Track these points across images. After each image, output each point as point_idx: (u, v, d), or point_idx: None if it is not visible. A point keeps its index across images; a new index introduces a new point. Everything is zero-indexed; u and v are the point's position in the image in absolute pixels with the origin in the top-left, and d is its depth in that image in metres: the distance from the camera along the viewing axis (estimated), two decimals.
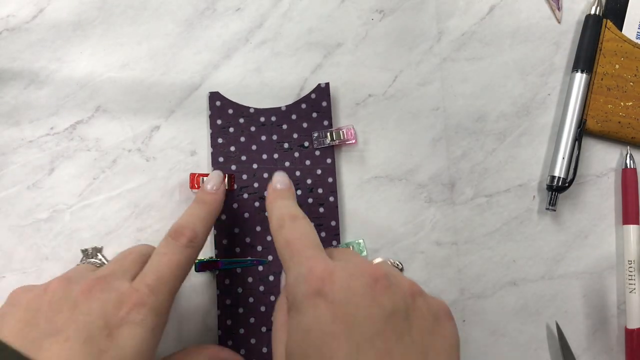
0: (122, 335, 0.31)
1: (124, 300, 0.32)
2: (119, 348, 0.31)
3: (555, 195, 0.43)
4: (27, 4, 0.43)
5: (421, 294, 0.31)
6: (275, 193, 0.37)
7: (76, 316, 0.31)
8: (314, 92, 0.43)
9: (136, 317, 0.32)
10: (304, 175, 0.42)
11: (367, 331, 0.27)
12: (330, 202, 0.42)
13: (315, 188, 0.42)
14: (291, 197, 0.37)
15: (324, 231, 0.42)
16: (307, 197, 0.42)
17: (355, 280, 0.29)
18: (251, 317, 0.41)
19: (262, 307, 0.41)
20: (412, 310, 0.29)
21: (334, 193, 0.42)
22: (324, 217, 0.42)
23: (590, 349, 0.43)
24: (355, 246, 0.42)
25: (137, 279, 0.34)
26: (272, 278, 0.42)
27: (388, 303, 0.28)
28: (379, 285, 0.29)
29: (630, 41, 0.43)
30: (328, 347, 0.27)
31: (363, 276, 0.29)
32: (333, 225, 0.42)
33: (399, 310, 0.28)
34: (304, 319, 0.28)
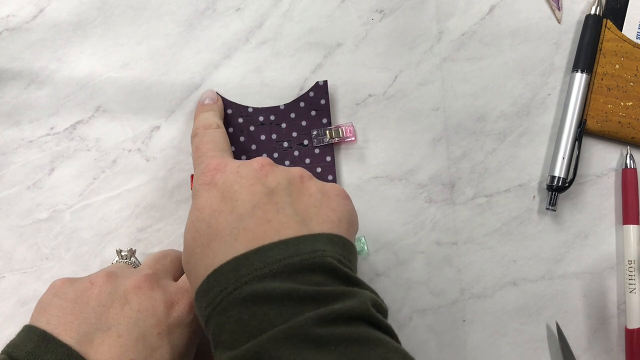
0: (173, 335, 0.32)
1: (176, 300, 0.34)
2: (169, 347, 0.32)
3: (555, 195, 0.43)
4: (27, 4, 0.43)
5: (312, 179, 0.33)
6: (200, 107, 0.42)
7: (128, 312, 0.32)
8: (312, 90, 0.43)
9: (187, 318, 0.33)
10: None
11: (248, 205, 0.30)
12: None
13: None
14: (214, 109, 0.41)
15: None
16: None
17: (245, 167, 0.32)
18: None
19: None
20: (297, 189, 0.31)
21: None
22: None
23: (590, 349, 0.43)
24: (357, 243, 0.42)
25: (185, 280, 0.35)
26: None
27: (271, 182, 0.31)
28: (264, 170, 0.32)
29: (630, 41, 0.43)
30: (215, 220, 0.30)
31: (251, 164, 0.32)
32: None
33: (281, 188, 0.31)
34: (198, 201, 0.31)
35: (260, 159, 0.32)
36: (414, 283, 0.43)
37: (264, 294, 0.26)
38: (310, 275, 0.27)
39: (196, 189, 0.32)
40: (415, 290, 0.43)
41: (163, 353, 0.31)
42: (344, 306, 0.26)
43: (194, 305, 0.30)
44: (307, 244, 0.28)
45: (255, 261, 0.27)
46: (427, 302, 0.43)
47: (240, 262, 0.28)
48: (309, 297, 0.26)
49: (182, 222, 0.42)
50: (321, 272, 0.28)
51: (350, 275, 0.28)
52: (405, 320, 0.43)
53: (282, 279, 0.27)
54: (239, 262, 0.28)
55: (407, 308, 0.43)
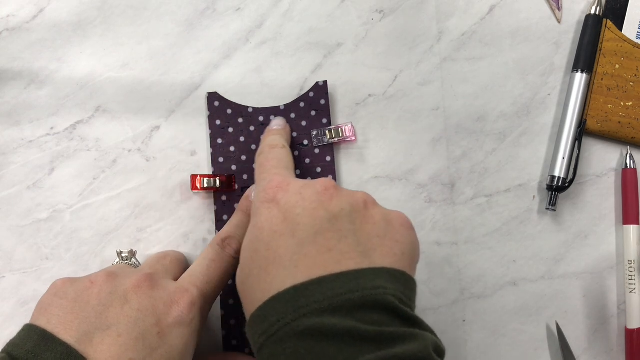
0: (172, 335, 0.32)
1: (175, 300, 0.33)
2: (169, 347, 0.32)
3: (555, 195, 0.43)
4: (27, 4, 0.43)
5: (375, 205, 0.32)
6: (268, 131, 0.41)
7: (127, 311, 0.32)
8: (312, 90, 0.43)
9: (187, 318, 0.33)
10: (304, 174, 0.42)
11: (309, 230, 0.29)
12: None
13: None
14: (281, 133, 0.40)
15: None
16: None
17: (308, 189, 0.31)
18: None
19: None
20: (360, 216, 0.31)
21: None
22: None
23: (590, 349, 0.43)
24: None
25: (186, 280, 0.35)
26: None
27: (335, 207, 0.30)
28: (327, 193, 0.31)
29: (630, 41, 0.43)
30: (275, 243, 0.29)
31: (315, 185, 0.31)
32: None
33: (344, 215, 0.30)
34: (259, 220, 0.31)
35: (324, 181, 0.32)
36: None
37: (324, 330, 0.26)
38: (371, 314, 0.27)
39: (257, 206, 0.32)
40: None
41: (163, 353, 0.31)
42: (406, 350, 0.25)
43: (247, 330, 0.29)
44: (369, 279, 0.28)
45: (315, 293, 0.27)
46: (427, 302, 0.43)
47: (299, 292, 0.27)
48: (370, 338, 0.26)
49: (182, 222, 0.42)
50: (382, 310, 0.27)
51: (411, 315, 0.28)
52: None
53: (341, 315, 0.26)
54: (298, 292, 0.27)
55: None
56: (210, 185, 0.41)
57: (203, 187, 0.41)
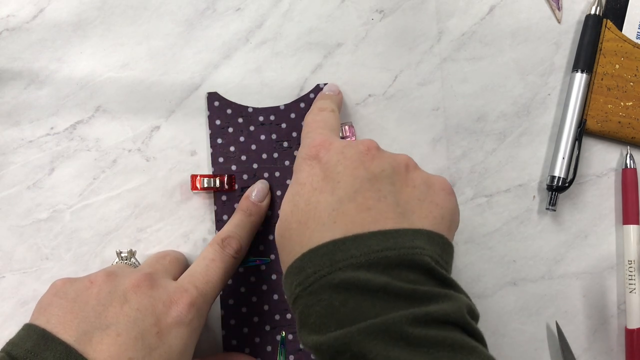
0: (171, 334, 0.32)
1: (175, 300, 0.33)
2: (167, 346, 0.32)
3: (555, 195, 0.43)
4: (27, 4, 0.43)
5: (417, 168, 0.32)
6: (320, 95, 0.41)
7: (127, 311, 0.32)
8: (313, 92, 0.43)
9: (186, 318, 0.33)
10: None
11: (349, 188, 0.29)
12: None
13: None
14: (332, 98, 0.40)
15: None
16: None
17: (350, 149, 0.31)
18: (255, 316, 0.41)
19: (266, 306, 0.41)
20: (401, 178, 0.31)
21: None
22: None
23: (590, 349, 0.43)
24: None
25: (185, 279, 0.35)
26: (274, 277, 0.42)
27: (376, 168, 0.30)
28: (369, 154, 0.31)
29: (630, 41, 0.43)
30: (315, 199, 0.30)
31: (357, 145, 0.31)
32: None
33: (385, 175, 0.30)
34: (301, 175, 0.31)
35: (367, 141, 0.32)
36: None
37: (359, 284, 0.26)
38: (407, 272, 0.27)
39: (299, 162, 0.32)
40: None
41: (162, 352, 0.31)
42: (440, 309, 0.25)
43: (283, 282, 0.30)
44: (407, 239, 0.28)
45: (352, 248, 0.27)
46: None
47: (337, 246, 0.27)
48: (404, 295, 0.26)
49: (182, 222, 0.42)
50: (418, 270, 0.27)
51: (446, 277, 0.28)
52: None
53: (377, 271, 0.26)
54: (336, 247, 0.27)
55: None
56: (210, 185, 0.41)
57: (203, 187, 0.41)
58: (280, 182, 0.42)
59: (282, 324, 0.41)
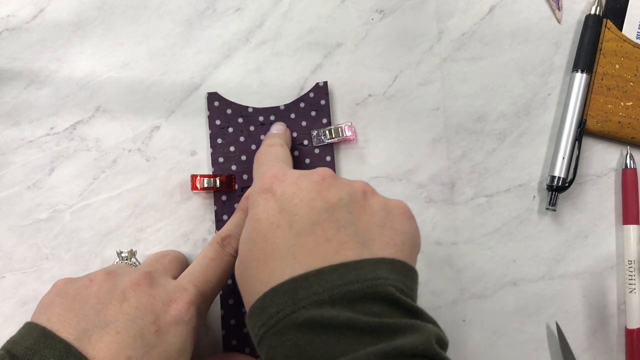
0: (170, 333, 0.32)
1: (173, 298, 0.33)
2: (167, 345, 0.32)
3: (555, 195, 0.43)
4: (27, 4, 0.43)
5: (375, 194, 0.32)
6: (268, 135, 0.41)
7: (126, 309, 0.32)
8: (312, 90, 0.43)
9: (185, 316, 0.33)
10: None
11: (307, 221, 0.29)
12: None
13: None
14: (280, 137, 0.40)
15: None
16: None
17: (304, 179, 0.31)
18: None
19: None
20: (359, 206, 0.30)
21: None
22: None
23: (590, 349, 0.43)
24: None
25: (185, 278, 0.35)
26: None
27: (332, 197, 0.30)
28: (325, 183, 0.30)
29: (630, 41, 0.43)
30: (272, 234, 0.29)
31: (312, 175, 0.31)
32: None
33: (343, 204, 0.30)
34: (256, 211, 0.31)
35: (321, 170, 0.31)
36: None
37: (323, 321, 0.25)
38: (371, 305, 0.26)
39: (254, 197, 0.32)
40: None
41: (160, 351, 0.31)
42: (407, 342, 0.25)
43: (247, 322, 0.29)
44: (369, 270, 0.27)
45: (314, 284, 0.27)
46: (427, 302, 0.43)
47: (298, 283, 0.27)
48: (370, 329, 0.25)
49: (182, 222, 0.42)
50: (382, 302, 0.26)
51: (412, 306, 0.27)
52: None
53: (341, 306, 0.26)
54: (297, 284, 0.27)
55: None
56: (210, 185, 0.41)
57: (203, 187, 0.41)
58: None
59: None
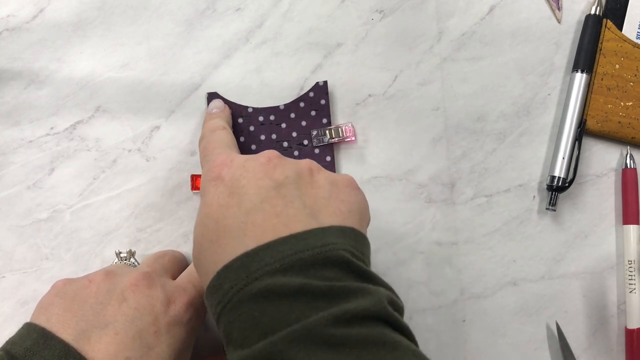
0: (169, 334, 0.32)
1: (172, 299, 0.33)
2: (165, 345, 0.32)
3: (555, 195, 0.43)
4: (27, 4, 0.43)
5: (321, 170, 0.32)
6: (208, 116, 0.41)
7: (125, 310, 0.32)
8: (312, 90, 0.43)
9: (184, 317, 0.33)
10: None
11: (255, 199, 0.29)
12: None
13: None
14: (220, 116, 0.40)
15: None
16: None
17: (251, 161, 0.31)
18: None
19: None
20: (305, 182, 0.31)
21: None
22: None
23: (590, 349, 0.43)
24: None
25: (184, 279, 0.35)
26: None
27: (279, 176, 0.30)
28: (271, 163, 0.31)
29: (630, 41, 0.43)
30: (223, 216, 0.29)
31: (258, 158, 0.31)
32: None
33: (290, 182, 0.30)
34: (207, 198, 0.31)
35: (267, 153, 0.32)
36: (414, 283, 0.43)
37: (275, 290, 0.26)
38: (323, 270, 0.27)
39: (204, 185, 0.32)
40: (415, 290, 0.43)
41: (159, 352, 0.31)
42: (359, 305, 0.25)
43: (206, 303, 0.29)
44: (318, 238, 0.28)
45: (265, 256, 0.27)
46: (427, 302, 0.43)
47: (250, 257, 0.27)
48: (322, 293, 0.26)
49: (182, 222, 0.42)
50: (334, 266, 0.27)
51: (364, 269, 0.28)
52: (406, 319, 0.43)
53: (293, 273, 0.26)
54: (249, 258, 0.27)
55: (407, 308, 0.43)
56: None
57: None
58: None
59: None
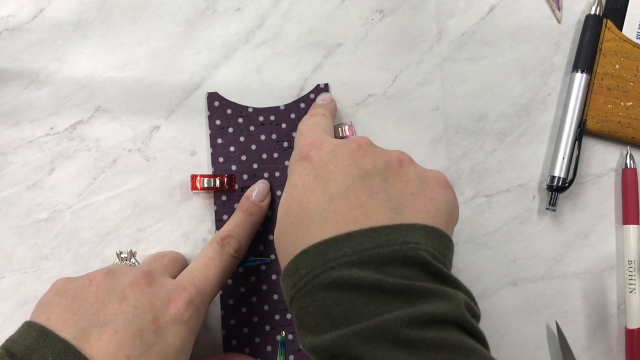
0: (169, 332, 0.32)
1: (173, 298, 0.33)
2: (165, 344, 0.32)
3: (555, 195, 0.43)
4: (27, 4, 0.43)
5: (411, 163, 0.32)
6: (313, 105, 0.42)
7: (125, 308, 0.32)
8: (313, 92, 0.43)
9: (184, 315, 0.33)
10: None
11: (340, 186, 0.29)
12: None
13: None
14: (325, 107, 0.40)
15: None
16: None
17: (341, 147, 0.31)
18: (255, 316, 0.41)
19: (266, 306, 0.41)
20: (394, 174, 0.30)
21: None
22: None
23: (590, 349, 0.43)
24: None
25: (184, 278, 0.35)
26: (274, 277, 0.42)
27: (368, 165, 0.30)
28: (361, 151, 0.31)
29: (630, 41, 0.43)
30: (307, 199, 0.30)
31: (349, 143, 0.31)
32: None
33: (377, 172, 0.30)
34: (293, 177, 0.31)
35: (358, 139, 0.32)
36: None
37: (351, 282, 0.26)
38: (401, 268, 0.26)
39: (292, 164, 0.32)
40: None
41: (159, 350, 0.31)
42: (437, 308, 0.25)
43: (281, 284, 0.30)
44: (400, 234, 0.27)
45: (344, 247, 0.27)
46: None
47: (329, 246, 0.27)
48: (398, 291, 0.25)
49: (182, 222, 0.42)
50: (413, 266, 0.27)
51: (444, 272, 0.27)
52: None
53: (370, 268, 0.26)
54: (328, 246, 0.27)
55: None
56: (210, 185, 0.41)
57: (203, 187, 0.41)
58: (280, 182, 0.42)
59: (282, 324, 0.41)
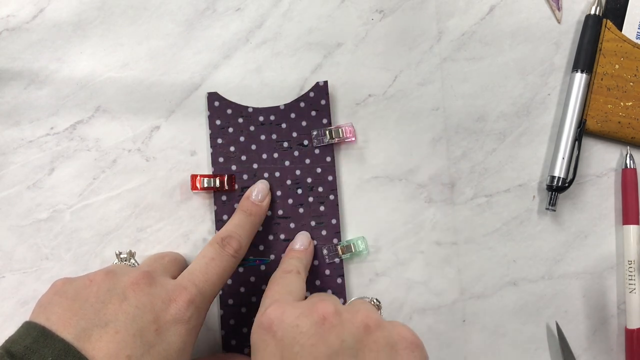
0: (170, 332, 0.32)
1: (173, 297, 0.33)
2: (166, 344, 0.32)
3: (555, 195, 0.43)
4: (27, 4, 0.43)
5: (378, 326, 0.31)
6: (290, 251, 0.41)
7: (125, 308, 0.32)
8: (313, 90, 0.43)
9: (185, 315, 0.33)
10: (304, 174, 0.42)
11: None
12: (331, 200, 0.42)
13: (316, 186, 0.42)
14: (300, 257, 0.40)
15: (325, 229, 0.42)
16: (307, 195, 0.42)
17: (304, 319, 0.30)
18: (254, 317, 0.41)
19: None
20: (363, 345, 0.30)
21: (334, 191, 0.42)
22: (325, 215, 0.42)
23: (590, 349, 0.43)
24: (357, 244, 0.42)
25: (184, 278, 0.35)
26: None
27: (335, 341, 0.29)
28: (327, 324, 0.30)
29: (630, 41, 0.43)
30: None
31: (312, 314, 0.31)
32: (334, 223, 0.42)
33: (346, 347, 0.29)
34: (257, 357, 0.31)
35: (322, 308, 0.31)
36: (414, 283, 0.43)
37: None
38: None
39: (254, 330, 0.32)
40: (415, 290, 0.43)
41: (160, 350, 0.31)
42: None
43: None
44: None
45: None
46: (427, 302, 0.43)
47: None
48: None
49: (182, 222, 0.42)
50: None
51: None
52: (406, 320, 0.43)
53: None
54: None
55: (407, 308, 0.43)
56: (210, 185, 0.41)
57: (203, 187, 0.41)
58: (280, 182, 0.42)
59: None
